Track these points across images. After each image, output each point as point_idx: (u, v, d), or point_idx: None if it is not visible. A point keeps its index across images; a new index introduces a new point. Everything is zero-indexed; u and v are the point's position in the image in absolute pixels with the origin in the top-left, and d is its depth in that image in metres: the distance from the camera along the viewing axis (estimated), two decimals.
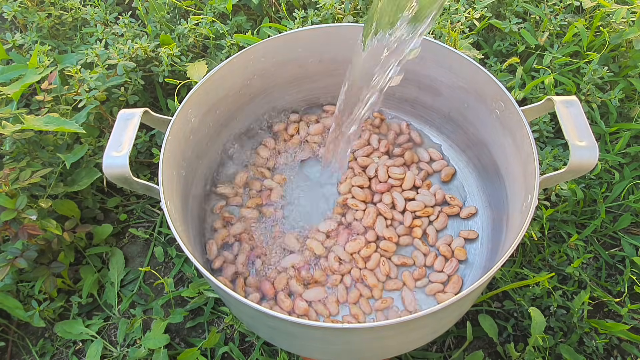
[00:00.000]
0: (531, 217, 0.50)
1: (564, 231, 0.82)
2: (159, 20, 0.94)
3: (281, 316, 0.45)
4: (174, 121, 0.60)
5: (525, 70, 0.93)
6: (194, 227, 0.69)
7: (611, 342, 0.72)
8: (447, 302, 0.45)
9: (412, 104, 0.79)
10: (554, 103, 0.56)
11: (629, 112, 0.92)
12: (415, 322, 0.46)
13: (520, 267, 0.78)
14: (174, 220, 0.53)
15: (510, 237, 0.56)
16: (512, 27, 0.93)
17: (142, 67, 0.90)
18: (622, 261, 0.80)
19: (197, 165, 0.70)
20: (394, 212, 0.71)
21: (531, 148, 0.56)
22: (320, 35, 0.71)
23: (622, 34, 0.87)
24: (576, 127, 0.54)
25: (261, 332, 0.60)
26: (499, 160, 0.67)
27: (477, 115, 0.70)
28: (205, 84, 0.65)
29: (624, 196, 0.84)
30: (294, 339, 0.54)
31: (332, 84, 0.79)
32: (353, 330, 0.46)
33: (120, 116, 0.58)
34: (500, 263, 0.48)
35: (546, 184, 0.56)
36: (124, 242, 0.86)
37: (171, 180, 0.59)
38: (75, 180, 0.80)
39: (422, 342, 0.60)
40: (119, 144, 0.55)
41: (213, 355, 0.73)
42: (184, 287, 0.79)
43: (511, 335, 0.73)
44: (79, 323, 0.75)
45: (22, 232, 0.67)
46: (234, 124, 0.76)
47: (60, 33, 1.02)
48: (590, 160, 0.52)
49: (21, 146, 0.76)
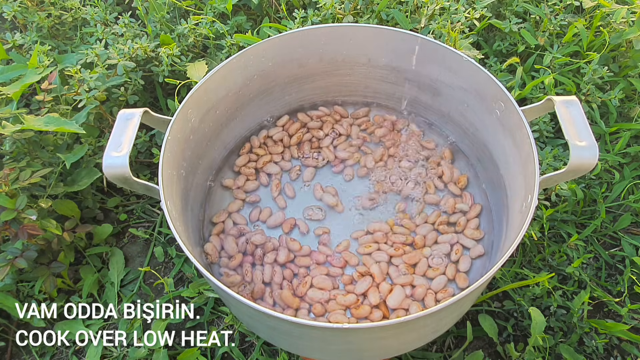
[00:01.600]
0: (531, 218, 0.50)
1: (564, 231, 0.82)
2: (159, 20, 0.94)
3: (281, 316, 0.45)
4: (174, 121, 0.60)
5: (525, 70, 0.93)
6: (193, 227, 0.69)
7: (611, 342, 0.72)
8: (446, 302, 0.45)
9: (411, 103, 0.79)
10: (554, 103, 0.57)
11: (629, 112, 0.92)
12: (415, 322, 0.46)
13: (520, 267, 0.78)
14: (173, 220, 0.53)
15: (510, 237, 0.56)
16: (512, 27, 0.93)
17: (142, 67, 0.90)
18: (622, 261, 0.80)
19: (197, 165, 0.70)
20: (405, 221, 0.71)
21: (531, 148, 0.56)
22: (320, 35, 0.71)
23: (622, 34, 0.87)
24: (576, 127, 0.54)
25: (261, 332, 0.60)
26: (499, 160, 0.67)
27: (477, 115, 0.70)
28: (205, 84, 0.65)
29: (624, 196, 0.84)
30: (294, 339, 0.54)
31: (332, 84, 0.79)
32: (353, 330, 0.46)
33: (120, 116, 0.58)
34: (500, 263, 0.48)
35: (546, 184, 0.56)
36: (124, 242, 0.86)
37: (171, 180, 0.59)
38: (75, 180, 0.80)
39: (423, 342, 0.60)
40: (119, 144, 0.55)
41: (213, 355, 0.73)
42: (184, 287, 0.79)
43: (511, 335, 0.73)
44: (79, 323, 0.75)
45: (22, 232, 0.67)
46: (234, 124, 0.76)
47: (60, 33, 1.02)
48: (590, 160, 0.52)
49: (21, 146, 0.76)
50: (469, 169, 0.76)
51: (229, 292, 0.46)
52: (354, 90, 0.81)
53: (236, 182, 0.74)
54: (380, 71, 0.77)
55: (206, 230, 0.72)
